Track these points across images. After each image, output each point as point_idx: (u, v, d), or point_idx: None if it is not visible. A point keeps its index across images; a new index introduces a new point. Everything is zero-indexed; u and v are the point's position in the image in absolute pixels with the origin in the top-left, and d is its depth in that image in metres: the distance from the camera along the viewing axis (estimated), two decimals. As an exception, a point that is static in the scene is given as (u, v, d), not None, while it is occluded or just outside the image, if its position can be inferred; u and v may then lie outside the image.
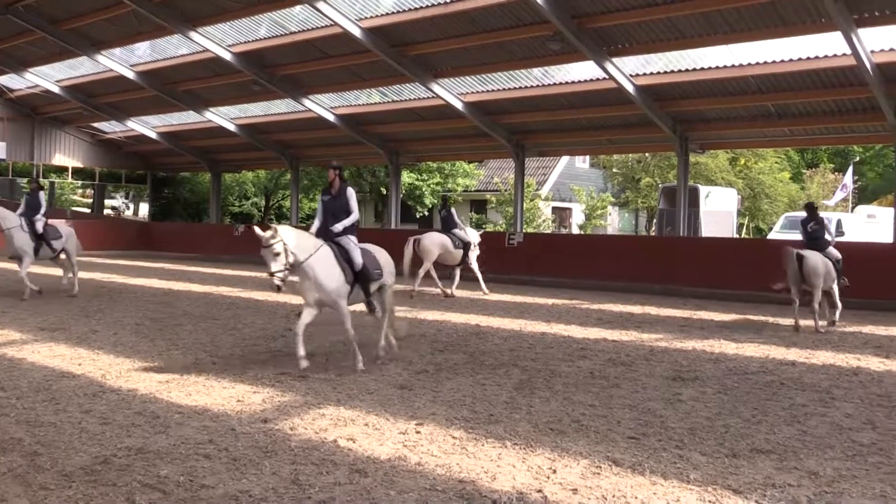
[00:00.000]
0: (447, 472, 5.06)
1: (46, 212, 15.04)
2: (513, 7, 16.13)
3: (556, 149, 25.55)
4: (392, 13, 17.91)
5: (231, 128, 27.00)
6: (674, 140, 19.28)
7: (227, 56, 21.19)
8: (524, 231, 24.03)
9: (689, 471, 5.16)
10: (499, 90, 20.32)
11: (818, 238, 12.48)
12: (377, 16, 18.09)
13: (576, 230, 36.97)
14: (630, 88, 17.61)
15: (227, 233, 28.44)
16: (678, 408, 6.89)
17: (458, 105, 20.71)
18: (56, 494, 4.58)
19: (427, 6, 17.18)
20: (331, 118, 23.85)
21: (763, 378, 8.27)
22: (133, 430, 5.89)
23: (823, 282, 11.95)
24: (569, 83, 19.14)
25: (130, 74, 24.24)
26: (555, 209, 38.04)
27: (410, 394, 7.27)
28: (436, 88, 20.16)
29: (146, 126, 30.02)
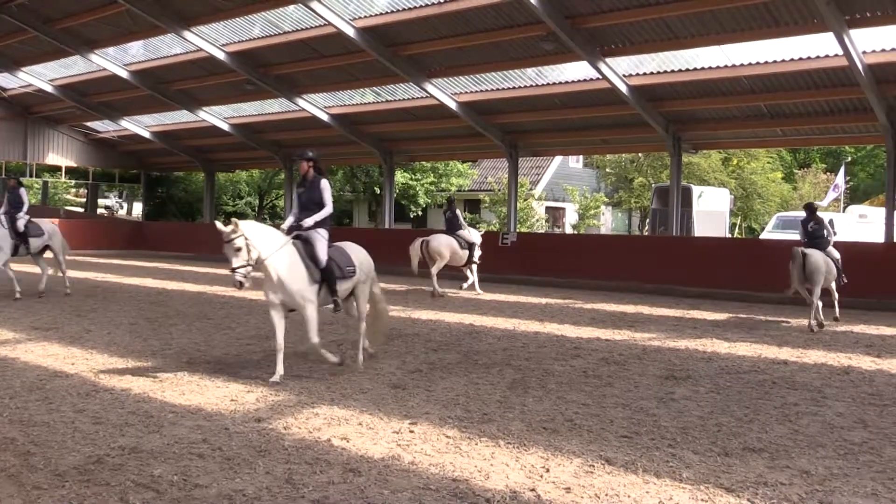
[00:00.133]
0: (441, 471, 5.08)
1: (30, 209, 14.65)
2: (506, 7, 16.15)
3: (550, 149, 25.55)
4: (386, 13, 17.91)
5: (225, 127, 26.96)
6: (667, 140, 19.32)
7: (221, 55, 21.16)
8: (518, 231, 24.06)
9: (682, 469, 5.18)
10: (492, 90, 20.33)
11: (818, 237, 12.62)
12: (371, 15, 18.09)
13: (569, 230, 37.02)
14: (623, 88, 17.65)
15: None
16: (671, 407, 6.92)
17: (452, 105, 20.72)
18: (49, 494, 4.57)
19: (421, 6, 17.18)
20: (324, 118, 23.84)
21: (755, 377, 8.31)
22: (126, 430, 5.89)
23: (824, 279, 12.10)
24: (562, 83, 19.17)
25: (124, 74, 24.19)
26: (548, 209, 38.08)
27: (404, 393, 7.28)
28: (429, 88, 20.17)
29: (140, 125, 29.95)
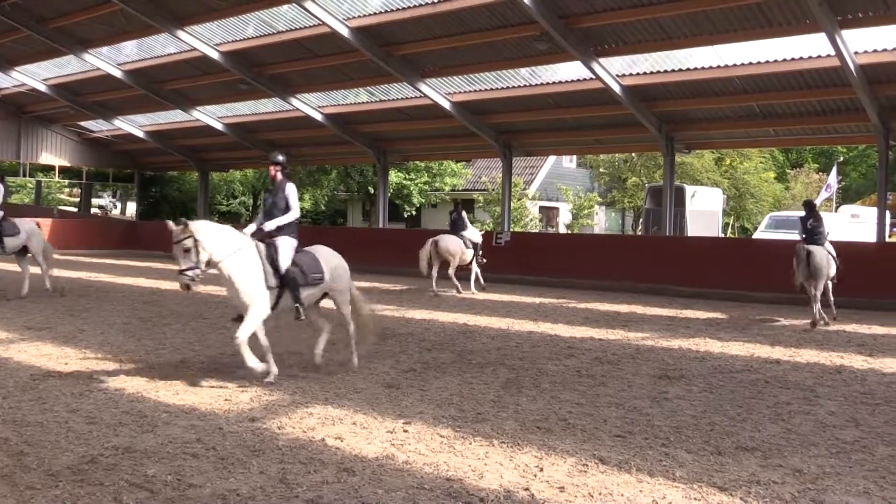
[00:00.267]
0: (435, 471, 5.08)
1: (4, 202, 14.23)
2: (500, 7, 16.15)
3: (544, 148, 25.58)
4: (380, 13, 17.89)
5: (219, 127, 26.89)
6: (660, 140, 19.36)
7: (215, 55, 21.11)
8: (512, 230, 24.08)
9: (675, 468, 5.20)
10: (486, 90, 20.34)
11: (818, 234, 12.79)
12: (365, 15, 18.07)
13: (563, 229, 37.06)
14: (616, 88, 17.68)
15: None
16: (664, 406, 6.94)
17: (446, 105, 20.72)
18: (43, 494, 4.56)
19: (415, 6, 17.17)
20: (318, 117, 23.81)
21: (748, 376, 8.34)
22: (120, 430, 5.88)
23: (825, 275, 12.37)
24: (556, 83, 19.19)
25: (118, 73, 24.10)
26: (542, 209, 38.10)
27: (398, 392, 7.28)
28: (423, 88, 20.16)
29: (133, 125, 29.85)
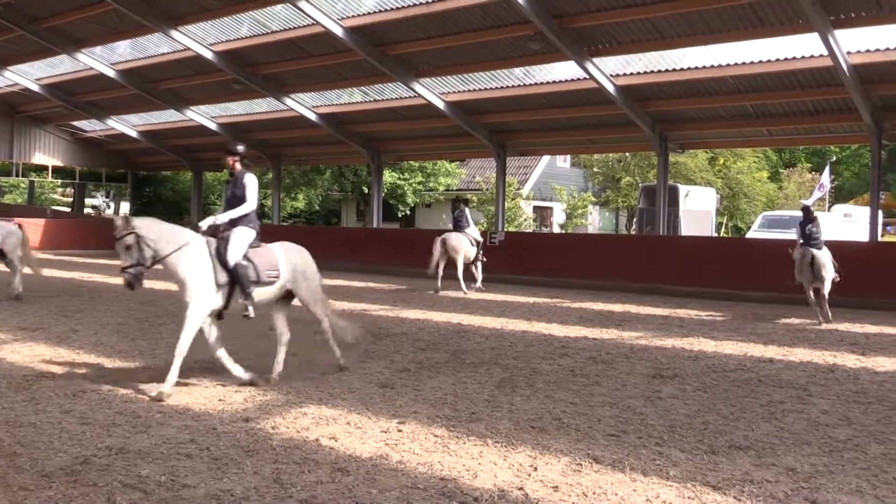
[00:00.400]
0: (429, 471, 5.09)
1: None
2: (494, 7, 16.15)
3: (538, 148, 25.59)
4: (374, 13, 17.88)
5: (212, 126, 26.84)
6: (653, 140, 19.39)
7: (209, 55, 21.07)
8: (506, 230, 24.09)
9: (669, 467, 5.21)
10: (480, 90, 20.34)
11: (816, 238, 13.04)
12: (359, 15, 18.06)
13: (557, 229, 37.10)
14: (610, 88, 17.70)
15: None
16: (658, 405, 6.95)
17: (440, 104, 20.72)
18: (36, 495, 4.55)
19: (409, 6, 17.16)
20: (312, 117, 23.78)
21: (741, 375, 8.36)
22: (114, 430, 5.87)
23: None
24: (550, 83, 19.21)
25: (111, 73, 24.04)
26: (536, 208, 38.13)
27: (392, 392, 7.28)
28: (417, 88, 20.16)
29: (127, 125, 29.78)
